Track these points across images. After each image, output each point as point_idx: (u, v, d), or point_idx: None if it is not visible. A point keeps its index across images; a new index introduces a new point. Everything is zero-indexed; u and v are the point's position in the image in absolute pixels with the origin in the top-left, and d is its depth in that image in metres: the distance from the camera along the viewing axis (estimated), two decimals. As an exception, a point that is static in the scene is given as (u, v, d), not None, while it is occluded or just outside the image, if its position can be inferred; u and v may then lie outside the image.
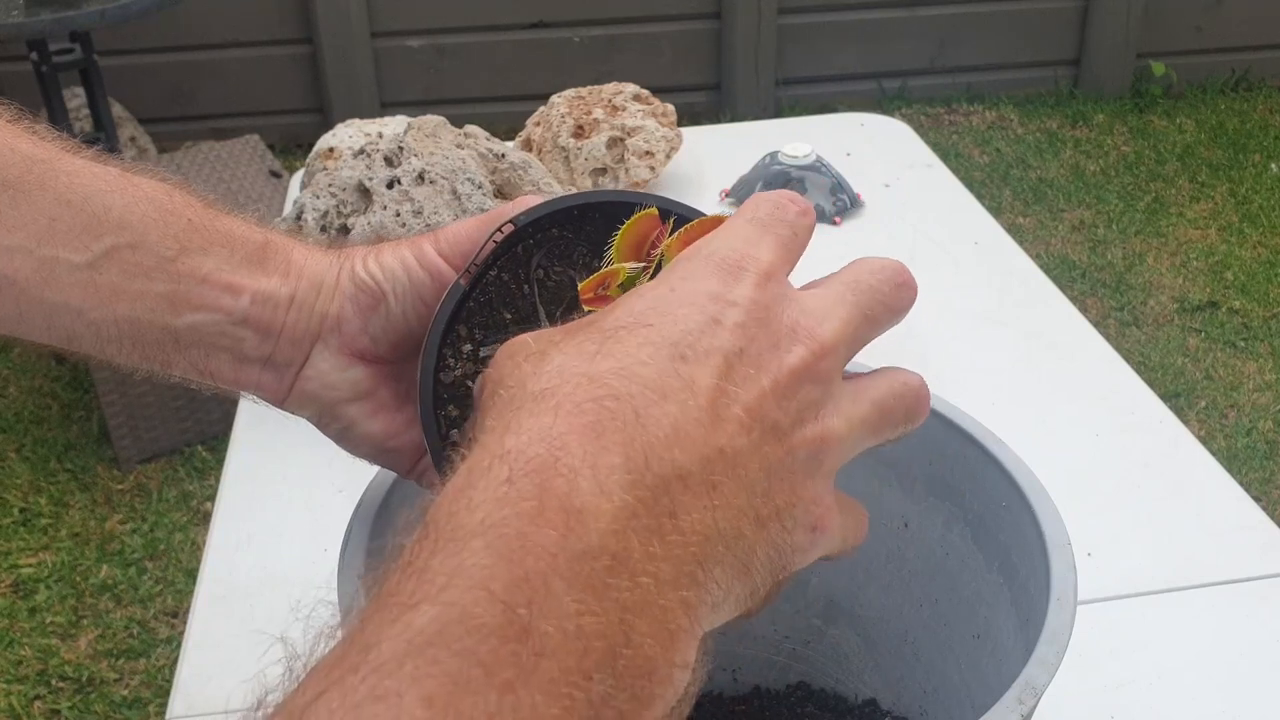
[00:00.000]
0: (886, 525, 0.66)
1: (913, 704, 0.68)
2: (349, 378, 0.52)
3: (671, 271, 0.37)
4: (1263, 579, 0.86)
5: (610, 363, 0.34)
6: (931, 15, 3.56)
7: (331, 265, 0.52)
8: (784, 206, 0.40)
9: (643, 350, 0.34)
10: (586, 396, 0.33)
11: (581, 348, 0.35)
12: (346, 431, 0.54)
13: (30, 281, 0.49)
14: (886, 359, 0.47)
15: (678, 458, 0.32)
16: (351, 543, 0.55)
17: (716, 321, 0.35)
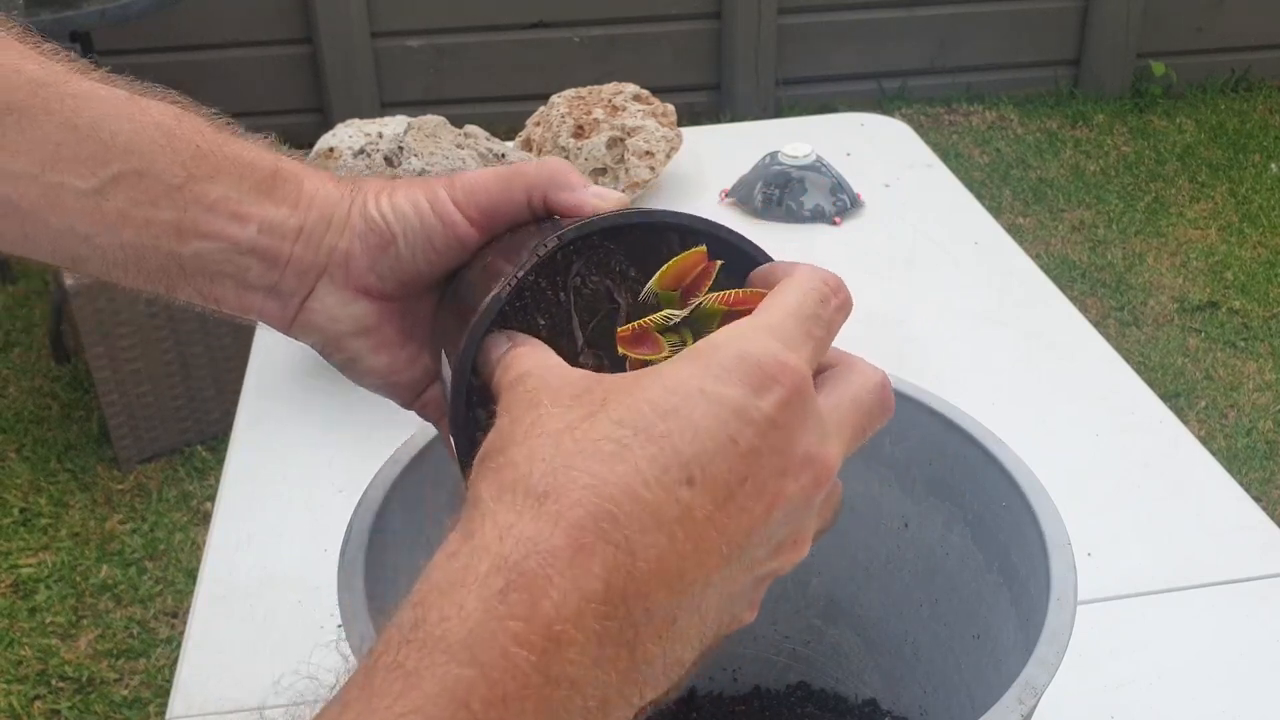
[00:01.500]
0: (886, 525, 0.66)
1: (913, 704, 0.68)
2: (353, 312, 0.52)
3: (706, 364, 0.36)
4: (1263, 579, 0.86)
5: (619, 472, 0.34)
6: (931, 15, 3.56)
7: (343, 199, 0.51)
8: (828, 300, 0.40)
9: (653, 468, 0.34)
10: (587, 514, 0.33)
11: (597, 446, 0.34)
12: (349, 363, 0.54)
13: (35, 206, 0.49)
14: (887, 361, 0.47)
15: (651, 597, 0.33)
16: (351, 543, 0.55)
17: (733, 442, 0.35)
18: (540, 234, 0.48)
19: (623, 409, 0.35)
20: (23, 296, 2.85)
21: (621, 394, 0.36)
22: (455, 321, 0.50)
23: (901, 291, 1.20)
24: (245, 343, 1.21)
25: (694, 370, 0.36)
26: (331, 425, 1.03)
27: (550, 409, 0.36)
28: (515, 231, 0.51)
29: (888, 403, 0.41)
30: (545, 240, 0.44)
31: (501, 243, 0.51)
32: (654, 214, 0.46)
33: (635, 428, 0.34)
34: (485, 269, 0.49)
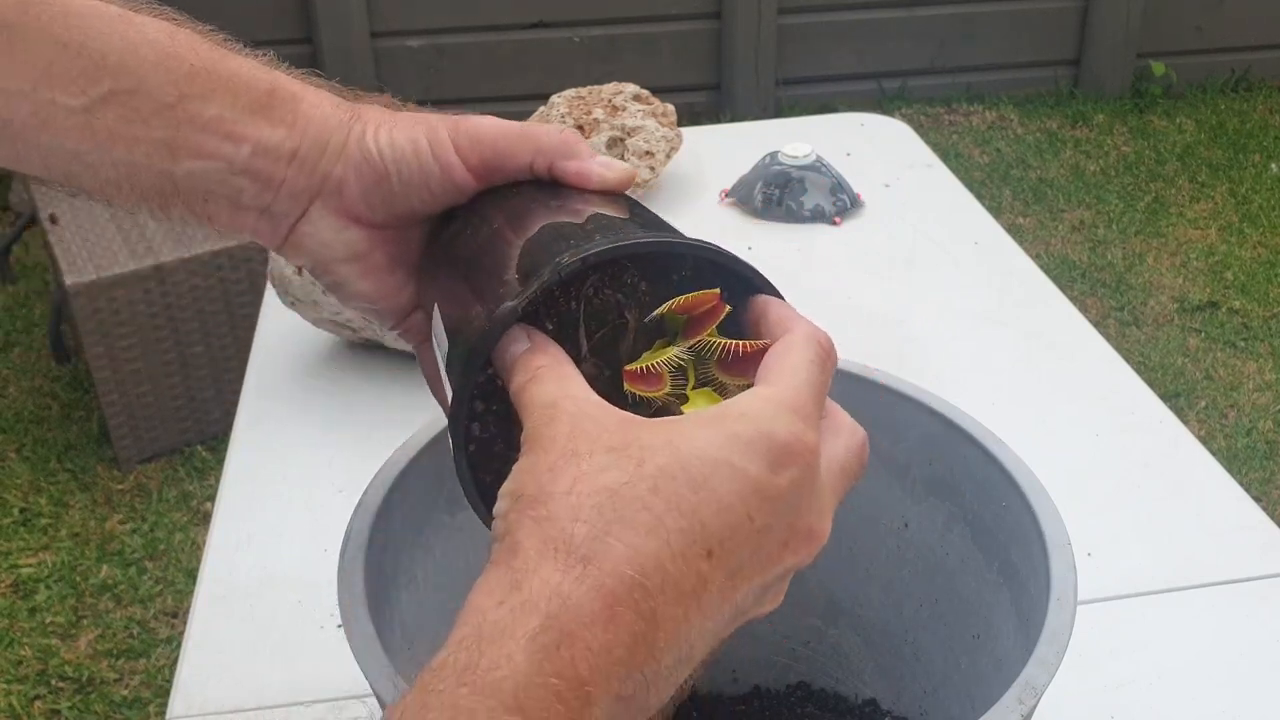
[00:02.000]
0: (886, 525, 0.66)
1: (913, 704, 0.68)
2: (344, 239, 0.52)
3: (734, 436, 0.39)
4: (1263, 579, 0.86)
5: (653, 546, 0.36)
6: (931, 15, 3.56)
7: (341, 125, 0.51)
8: (826, 364, 0.43)
9: (681, 542, 0.37)
10: (622, 584, 0.36)
11: (635, 516, 0.37)
12: (337, 287, 0.54)
13: (26, 124, 0.48)
14: (887, 361, 0.47)
15: (662, 660, 0.37)
16: (351, 543, 0.55)
17: (750, 519, 0.38)
18: (551, 213, 0.48)
19: (659, 475, 0.37)
20: (23, 296, 2.85)
21: (657, 455, 0.38)
22: (452, 280, 0.50)
23: (901, 291, 1.20)
24: (245, 343, 1.21)
25: (722, 441, 0.39)
26: (331, 425, 1.03)
27: (589, 461, 0.38)
28: (519, 191, 0.51)
29: (865, 463, 0.44)
30: (569, 259, 0.44)
31: (507, 204, 0.50)
32: (677, 244, 0.46)
33: (669, 500, 0.37)
34: (491, 235, 0.49)
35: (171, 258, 2.16)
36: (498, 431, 0.47)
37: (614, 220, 0.48)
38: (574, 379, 0.42)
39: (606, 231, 0.46)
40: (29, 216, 2.75)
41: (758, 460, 0.38)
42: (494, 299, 0.45)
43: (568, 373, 0.43)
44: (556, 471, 0.38)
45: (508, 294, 0.45)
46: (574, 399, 0.41)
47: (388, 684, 0.49)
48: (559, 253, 0.45)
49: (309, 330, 1.13)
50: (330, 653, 0.81)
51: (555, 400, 0.41)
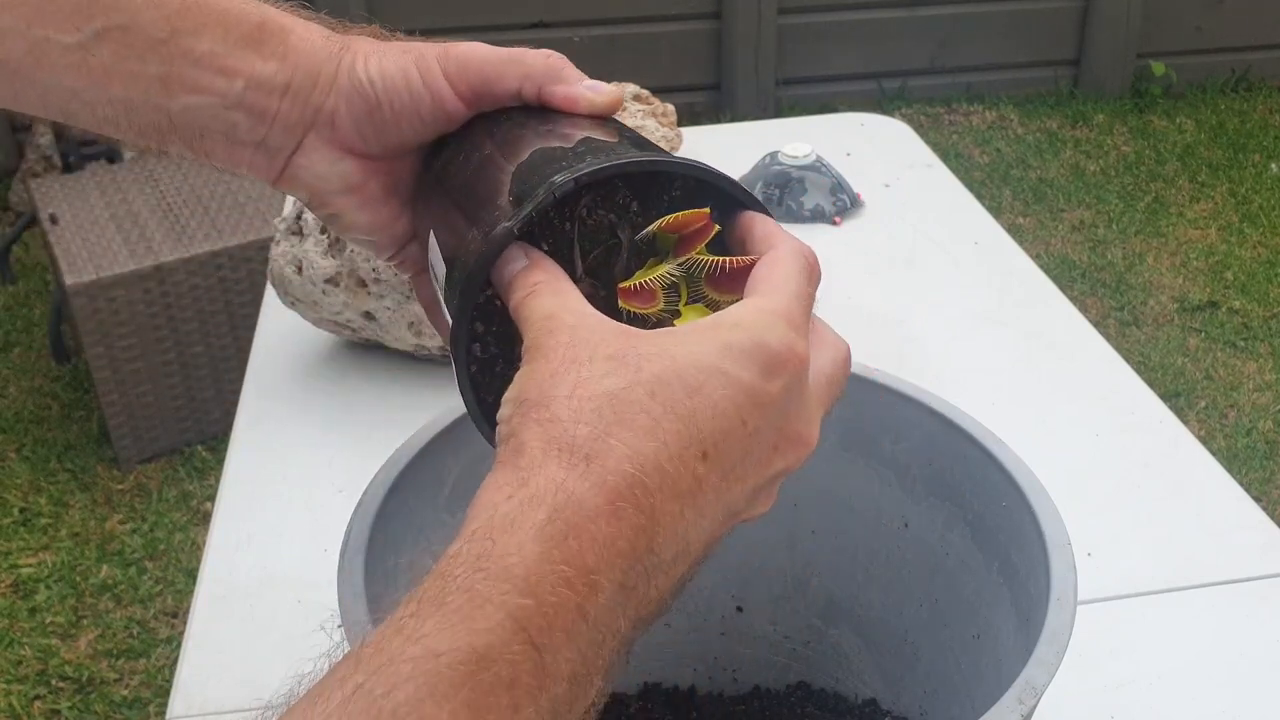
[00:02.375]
0: (886, 525, 0.66)
1: (913, 704, 0.68)
2: (339, 170, 0.52)
3: (727, 344, 0.40)
4: (1263, 579, 0.86)
5: (651, 447, 0.38)
6: (931, 15, 3.56)
7: (331, 57, 0.51)
8: (812, 275, 0.45)
9: (677, 443, 0.39)
10: (623, 481, 0.37)
11: (634, 419, 0.38)
12: (334, 219, 0.54)
13: (22, 63, 0.49)
14: (887, 361, 0.47)
15: (660, 553, 0.38)
16: (351, 543, 0.55)
17: (743, 423, 0.40)
18: (541, 138, 0.48)
19: (656, 381, 0.39)
20: (23, 296, 2.85)
21: (654, 362, 0.39)
22: (447, 207, 0.50)
23: (901, 291, 1.20)
24: (245, 343, 1.21)
25: (717, 349, 0.40)
26: (331, 425, 1.03)
27: (589, 368, 0.39)
28: (509, 117, 0.51)
29: (848, 374, 0.46)
30: (562, 179, 0.45)
31: (498, 130, 0.51)
32: (668, 163, 0.47)
33: (666, 404, 0.39)
34: (483, 162, 0.49)
35: (171, 258, 2.16)
36: (498, 351, 0.48)
37: (604, 143, 0.48)
38: (571, 293, 0.43)
39: (597, 153, 0.47)
40: (29, 216, 2.75)
41: (751, 367, 0.40)
42: (489, 223, 0.46)
43: (565, 287, 0.44)
44: (558, 377, 0.39)
45: (502, 217, 0.45)
46: (572, 311, 0.42)
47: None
48: (551, 175, 0.45)
49: (309, 330, 1.13)
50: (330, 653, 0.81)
51: (554, 312, 0.42)
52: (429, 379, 1.06)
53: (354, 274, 1.02)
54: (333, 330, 1.08)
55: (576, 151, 0.47)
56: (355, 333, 1.08)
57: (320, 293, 1.03)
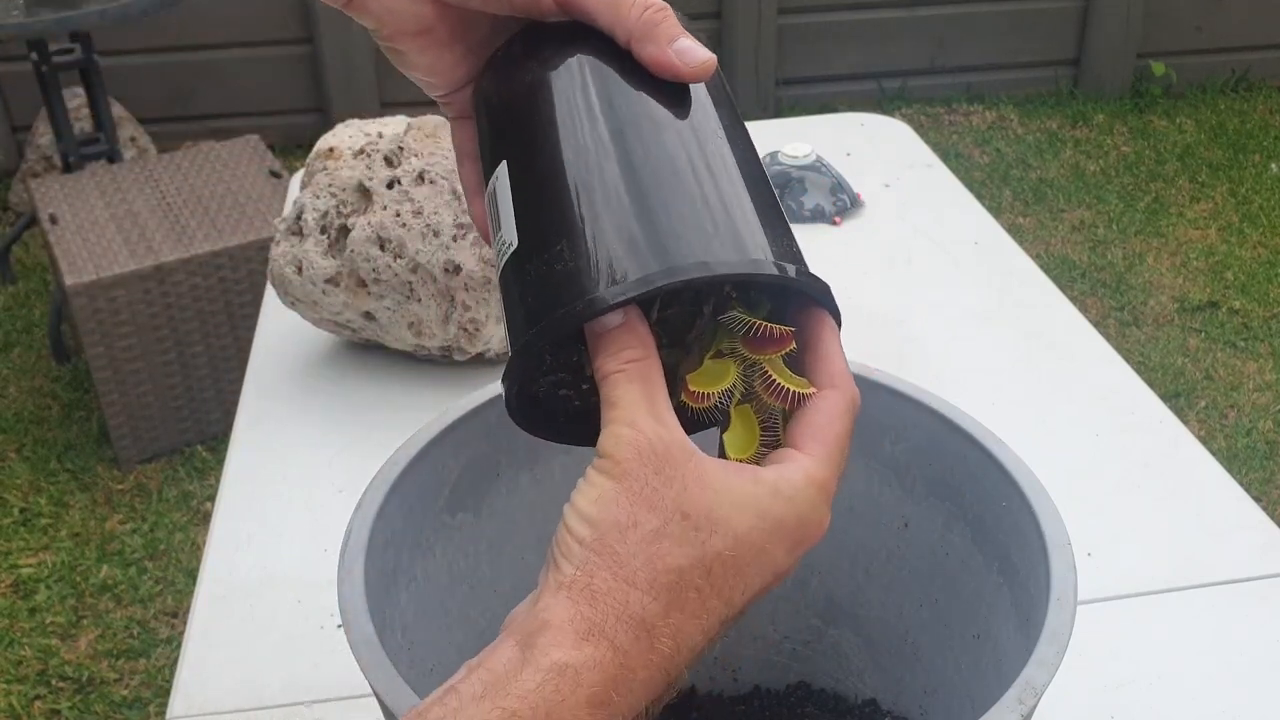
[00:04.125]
0: (886, 525, 0.66)
1: (913, 704, 0.68)
2: (414, 10, 0.51)
3: (778, 523, 0.44)
4: (1263, 579, 0.86)
5: (693, 626, 0.43)
6: (931, 15, 3.56)
7: None
8: (853, 420, 0.48)
9: (712, 620, 0.43)
10: (665, 660, 0.42)
11: (686, 599, 0.42)
12: (396, 55, 0.53)
13: None
14: (887, 361, 0.47)
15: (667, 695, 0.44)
16: (351, 543, 0.55)
17: (764, 588, 0.45)
18: (660, 142, 0.47)
19: (715, 559, 0.43)
20: (23, 296, 2.85)
21: (718, 536, 0.43)
22: (533, 158, 0.48)
23: (901, 291, 1.20)
24: (245, 343, 1.21)
25: (769, 527, 0.44)
26: (331, 425, 1.03)
27: (667, 529, 0.42)
28: (603, 72, 0.49)
29: (857, 413, 0.48)
30: (678, 278, 0.44)
31: (602, 90, 0.48)
32: (781, 278, 0.46)
33: (715, 586, 0.43)
34: (593, 145, 0.47)
35: (171, 258, 2.16)
36: (552, 359, 0.50)
37: (731, 204, 0.46)
38: (659, 390, 0.45)
39: (727, 236, 0.45)
40: (29, 216, 2.75)
41: (788, 545, 0.44)
42: (587, 256, 0.44)
43: (654, 376, 0.45)
44: (639, 530, 0.42)
45: (605, 270, 0.44)
46: (657, 430, 0.43)
47: (388, 683, 0.49)
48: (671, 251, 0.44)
49: (309, 330, 1.13)
50: (330, 653, 0.81)
51: (639, 422, 0.43)
52: (429, 379, 1.06)
53: (354, 274, 1.02)
54: (333, 330, 1.09)
55: (710, 212, 0.46)
56: (355, 333, 1.08)
57: (320, 293, 1.03)
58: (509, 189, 0.48)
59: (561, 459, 0.67)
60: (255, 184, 2.39)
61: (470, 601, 0.65)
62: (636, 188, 0.46)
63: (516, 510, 0.66)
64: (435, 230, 1.00)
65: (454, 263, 1.00)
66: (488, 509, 0.65)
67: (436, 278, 1.00)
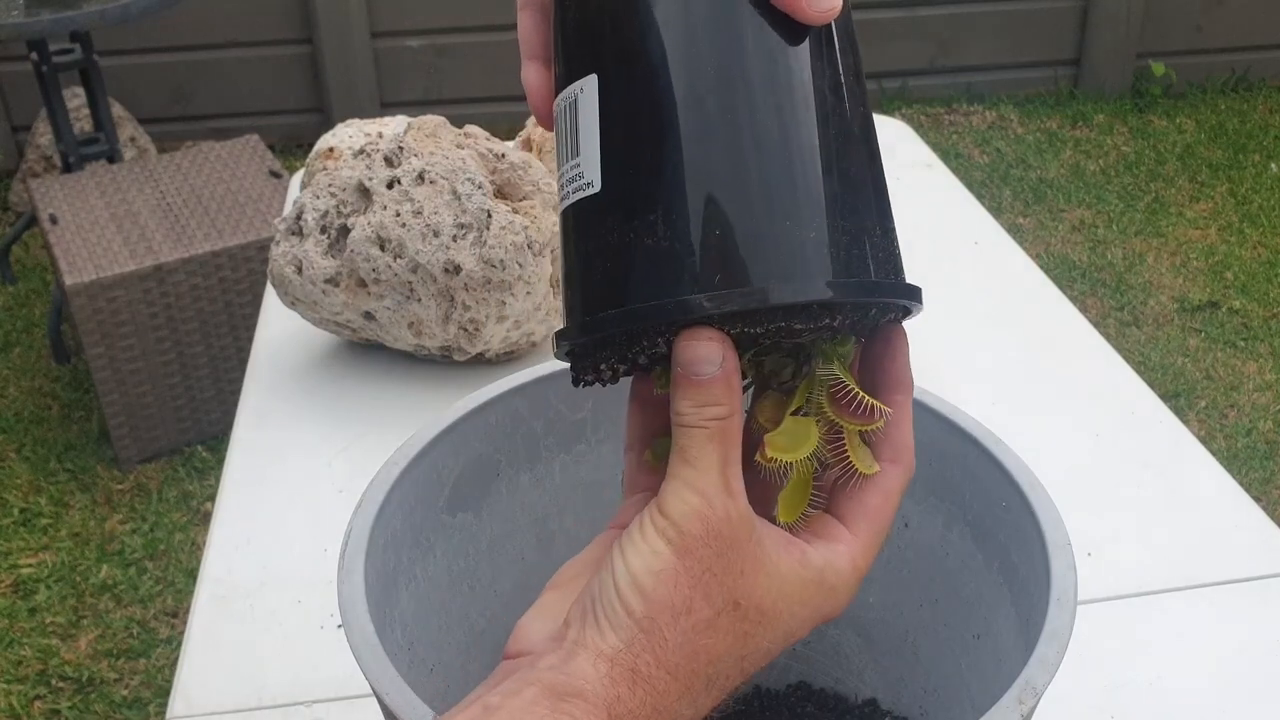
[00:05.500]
0: (886, 525, 0.66)
1: (913, 704, 0.68)
2: None
3: (817, 611, 0.44)
4: (1263, 579, 0.86)
5: (710, 701, 0.42)
6: (931, 15, 3.56)
7: None
8: None
9: (730, 692, 0.43)
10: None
11: (720, 685, 0.42)
12: None
13: None
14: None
15: None
16: (351, 543, 0.55)
17: (782, 648, 0.44)
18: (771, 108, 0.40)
19: (756, 654, 0.43)
20: (23, 296, 2.85)
21: (763, 632, 0.43)
22: (639, 92, 0.40)
23: (901, 291, 1.20)
24: (245, 343, 1.21)
25: (809, 615, 0.44)
26: (331, 425, 1.03)
27: (719, 620, 0.41)
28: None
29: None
30: (786, 295, 0.39)
31: (718, 35, 0.40)
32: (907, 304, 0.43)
33: (745, 671, 0.43)
34: (725, 107, 0.40)
35: (171, 258, 2.16)
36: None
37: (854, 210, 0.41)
38: (735, 453, 0.42)
39: (847, 245, 0.40)
40: (29, 216, 2.75)
41: (813, 624, 0.44)
42: (692, 241, 0.38)
43: (734, 439, 0.42)
44: (691, 618, 0.41)
45: (712, 267, 0.38)
46: (727, 507, 0.41)
47: (388, 683, 0.49)
48: (779, 263, 0.38)
49: (309, 330, 1.13)
50: (330, 653, 0.81)
51: (709, 493, 0.41)
52: (429, 379, 1.06)
53: (354, 274, 1.02)
54: (333, 330, 1.09)
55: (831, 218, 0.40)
56: (355, 333, 1.08)
57: (320, 293, 1.03)
58: (596, 113, 0.41)
59: (561, 459, 0.67)
60: (255, 184, 2.39)
61: (470, 601, 0.65)
62: (770, 174, 0.39)
63: (516, 510, 0.66)
64: (435, 230, 1.00)
65: (454, 263, 1.00)
66: (488, 509, 0.65)
67: (436, 278, 1.00)
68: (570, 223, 0.42)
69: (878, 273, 0.41)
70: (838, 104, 0.43)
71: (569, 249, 0.42)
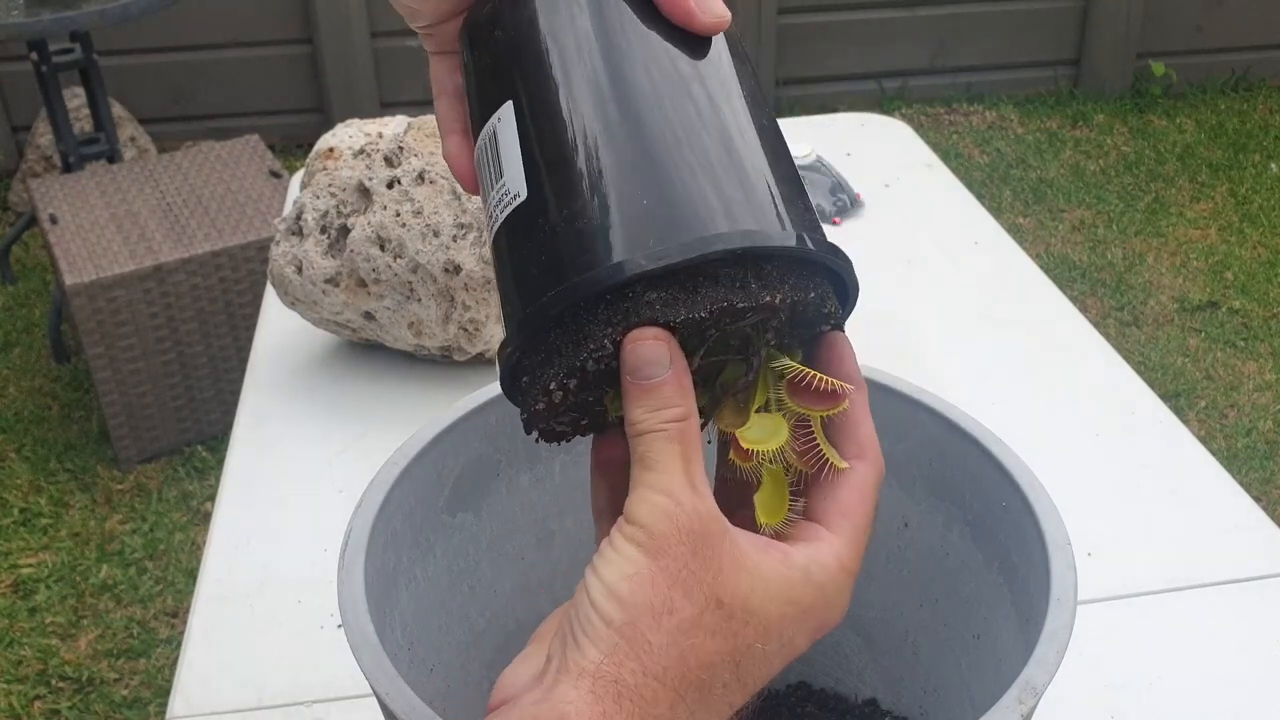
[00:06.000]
0: (886, 525, 0.66)
1: (913, 704, 0.68)
2: None
3: (807, 610, 0.42)
4: (1263, 579, 0.86)
5: (702, 718, 0.41)
6: (931, 15, 3.56)
7: None
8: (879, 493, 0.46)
9: (728, 709, 0.42)
10: None
11: (712, 695, 0.41)
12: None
13: None
14: (887, 361, 0.47)
15: None
16: (351, 543, 0.55)
17: (780, 667, 0.43)
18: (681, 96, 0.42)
19: (745, 652, 0.41)
20: (23, 296, 2.85)
21: (750, 626, 0.41)
22: (545, 93, 0.42)
23: (901, 291, 1.20)
24: (245, 343, 1.21)
25: (798, 614, 0.42)
26: (331, 425, 1.03)
27: (701, 619, 0.40)
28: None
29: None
30: (719, 245, 0.39)
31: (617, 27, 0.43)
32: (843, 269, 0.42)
33: (740, 678, 0.42)
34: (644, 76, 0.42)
35: (171, 258, 2.16)
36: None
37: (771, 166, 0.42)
38: (696, 453, 0.41)
39: (768, 210, 0.41)
40: (29, 216, 2.75)
41: (810, 632, 0.43)
42: (621, 214, 0.39)
43: (693, 439, 0.41)
44: (674, 618, 0.39)
45: (640, 232, 0.39)
46: (695, 504, 0.40)
47: (388, 684, 0.49)
48: (705, 220, 0.39)
49: (309, 330, 1.13)
50: (330, 653, 0.81)
51: (675, 493, 0.40)
52: (429, 379, 1.06)
53: (354, 274, 1.02)
54: (333, 330, 1.09)
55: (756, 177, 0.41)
56: (355, 333, 1.08)
57: (320, 293, 1.03)
58: (515, 131, 0.43)
59: (561, 459, 0.67)
60: (255, 184, 2.39)
61: (470, 601, 0.65)
62: (681, 146, 0.41)
63: (516, 510, 0.66)
64: (435, 230, 1.00)
65: (454, 263, 1.00)
66: (488, 509, 0.65)
67: (436, 278, 1.00)
68: (503, 241, 0.43)
69: (805, 229, 0.42)
70: (745, 81, 0.45)
71: (503, 270, 0.43)
